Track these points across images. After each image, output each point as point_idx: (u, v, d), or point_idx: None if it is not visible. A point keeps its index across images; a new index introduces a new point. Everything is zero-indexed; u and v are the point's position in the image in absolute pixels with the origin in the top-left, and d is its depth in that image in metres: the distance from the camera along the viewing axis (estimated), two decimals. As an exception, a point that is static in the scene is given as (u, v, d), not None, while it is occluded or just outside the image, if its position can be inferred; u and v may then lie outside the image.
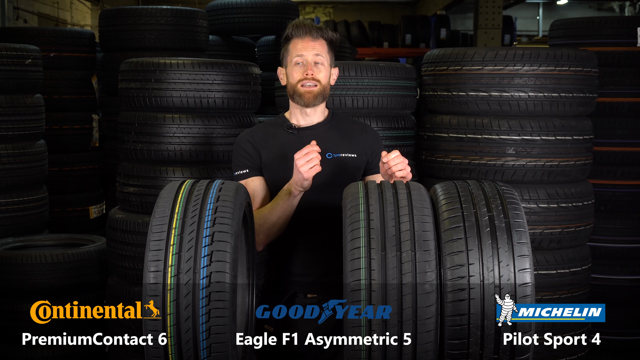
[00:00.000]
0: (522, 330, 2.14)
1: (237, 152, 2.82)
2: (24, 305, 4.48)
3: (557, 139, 3.85)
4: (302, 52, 2.75)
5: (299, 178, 2.56)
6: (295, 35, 2.77)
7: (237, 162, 2.81)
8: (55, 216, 6.05)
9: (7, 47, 4.98)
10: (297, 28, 2.76)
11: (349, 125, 2.87)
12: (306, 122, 2.82)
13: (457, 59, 3.90)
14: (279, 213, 2.66)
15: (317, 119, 2.83)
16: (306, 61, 2.74)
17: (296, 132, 2.80)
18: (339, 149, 2.80)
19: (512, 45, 13.61)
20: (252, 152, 2.79)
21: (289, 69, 2.79)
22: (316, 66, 2.75)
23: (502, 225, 2.19)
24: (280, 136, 2.81)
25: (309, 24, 2.76)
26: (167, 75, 3.90)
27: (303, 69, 2.75)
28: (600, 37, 4.94)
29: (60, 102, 6.38)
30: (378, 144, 2.87)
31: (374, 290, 2.10)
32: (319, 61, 2.75)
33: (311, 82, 2.73)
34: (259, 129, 2.87)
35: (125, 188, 4.06)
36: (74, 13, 16.82)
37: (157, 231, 2.23)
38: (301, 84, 2.74)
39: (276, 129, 2.83)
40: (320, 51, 2.75)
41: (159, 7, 5.94)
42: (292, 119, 2.84)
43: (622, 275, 4.91)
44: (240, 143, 2.82)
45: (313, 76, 2.73)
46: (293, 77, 2.76)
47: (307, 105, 2.77)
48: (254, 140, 2.81)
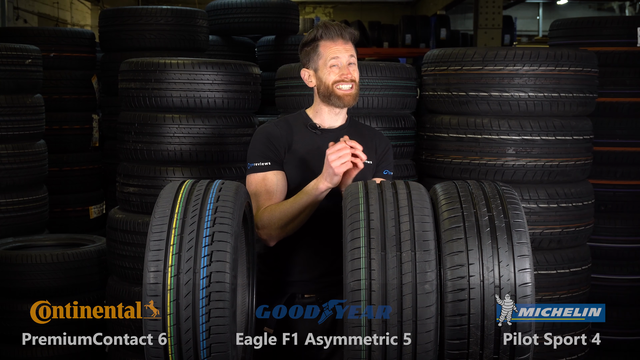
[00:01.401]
0: (522, 330, 2.14)
1: (261, 143, 2.77)
2: (24, 305, 4.48)
3: (557, 139, 3.85)
4: (337, 54, 2.74)
5: (329, 173, 2.56)
6: (326, 37, 2.76)
7: (258, 153, 2.76)
8: (55, 216, 6.05)
9: (7, 47, 4.98)
10: (327, 30, 2.75)
11: (366, 131, 2.90)
12: (330, 123, 2.82)
13: (457, 59, 3.90)
14: (301, 208, 2.63)
15: (340, 122, 2.84)
16: (342, 63, 2.75)
17: (319, 133, 2.80)
18: None
19: (512, 45, 13.61)
20: (278, 145, 2.76)
21: (322, 71, 2.76)
22: (350, 66, 2.76)
23: (502, 225, 2.19)
24: (303, 134, 2.80)
25: (337, 25, 2.77)
26: (167, 75, 3.90)
27: (339, 71, 2.74)
28: (600, 37, 4.93)
29: (60, 102, 6.38)
30: (387, 151, 2.88)
31: (374, 290, 2.10)
32: (353, 62, 2.77)
33: (349, 83, 2.74)
34: (283, 123, 2.84)
35: (125, 188, 4.06)
36: (74, 13, 16.83)
37: (157, 231, 2.23)
38: (337, 85, 2.74)
39: (299, 126, 2.82)
40: (353, 52, 2.78)
41: (159, 7, 5.94)
42: (316, 119, 2.83)
43: (622, 275, 4.90)
44: (266, 134, 2.78)
45: (351, 77, 2.75)
46: (329, 78, 2.75)
47: (346, 106, 2.78)
48: (281, 135, 2.78)
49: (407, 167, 4.11)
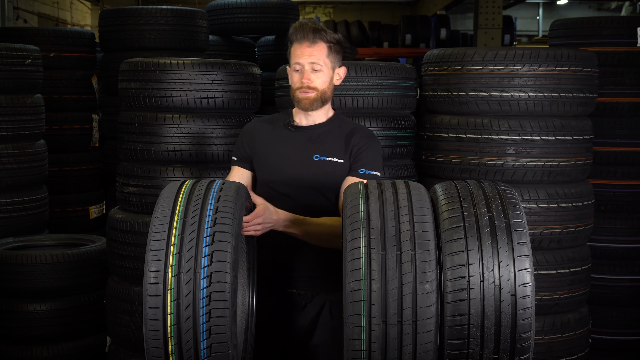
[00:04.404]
0: (522, 331, 2.14)
1: (238, 139, 2.97)
2: (24, 305, 4.48)
3: (557, 139, 3.85)
4: (299, 59, 2.78)
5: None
6: (295, 39, 2.80)
7: (235, 148, 2.97)
8: (55, 216, 6.05)
9: (7, 47, 4.98)
10: (296, 32, 2.79)
11: (346, 129, 2.89)
12: (307, 122, 2.88)
13: (457, 59, 3.90)
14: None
15: (319, 119, 2.88)
16: (303, 69, 2.77)
17: (293, 130, 2.87)
18: (327, 153, 2.82)
19: (512, 45, 13.61)
20: (245, 142, 2.91)
21: (290, 73, 2.85)
22: (314, 73, 2.78)
23: (502, 225, 2.19)
24: (279, 130, 2.90)
25: (308, 27, 2.77)
26: (167, 75, 3.90)
27: (300, 76, 2.79)
28: (600, 37, 4.93)
29: (60, 102, 6.38)
30: (364, 148, 2.83)
31: (373, 290, 2.10)
32: (317, 68, 2.77)
33: (307, 89, 2.78)
34: (264, 120, 2.98)
35: (125, 188, 4.06)
36: (74, 13, 16.82)
37: (157, 231, 2.24)
38: (299, 90, 2.80)
39: (279, 123, 2.92)
40: (317, 57, 2.77)
41: (159, 7, 5.94)
42: (296, 117, 2.90)
43: (622, 275, 4.90)
44: (241, 131, 2.98)
45: (309, 84, 2.77)
46: (293, 82, 2.83)
47: (305, 110, 2.83)
48: (250, 132, 2.93)
49: (407, 167, 4.11)
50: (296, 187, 2.79)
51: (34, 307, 4.47)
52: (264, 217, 2.58)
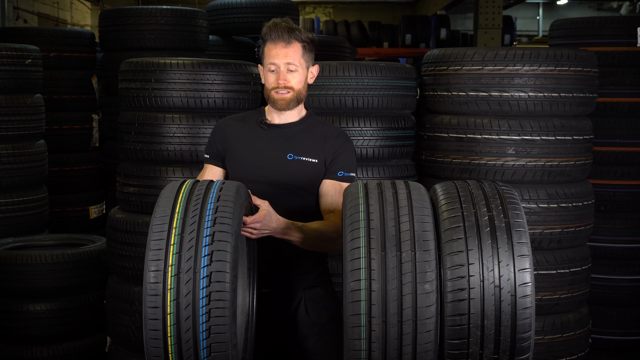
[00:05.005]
0: (522, 330, 2.14)
1: (210, 137, 2.97)
2: (24, 305, 4.48)
3: (557, 139, 3.85)
4: (275, 59, 2.78)
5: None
6: (268, 39, 2.79)
7: (207, 146, 2.97)
8: (55, 216, 6.05)
9: (7, 47, 4.98)
10: (270, 31, 2.78)
11: (320, 130, 2.89)
12: (280, 120, 2.88)
13: (457, 59, 3.90)
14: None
15: (292, 118, 2.88)
16: (279, 69, 2.77)
17: (266, 128, 2.87)
18: (301, 152, 2.82)
19: (512, 45, 13.61)
20: (218, 140, 2.91)
21: (264, 73, 2.84)
22: (289, 73, 2.78)
23: (502, 225, 2.19)
24: (251, 128, 2.89)
25: (282, 27, 2.77)
26: (167, 75, 3.90)
27: (276, 77, 2.78)
28: (600, 37, 4.93)
29: (60, 102, 6.38)
30: (341, 151, 2.84)
31: (373, 290, 2.10)
32: (292, 68, 2.78)
33: (283, 90, 2.78)
34: (236, 118, 2.98)
35: (125, 188, 4.06)
36: (74, 13, 16.83)
37: (157, 231, 2.23)
38: (275, 91, 2.79)
39: (251, 121, 2.92)
40: (293, 58, 2.77)
41: (158, 7, 5.94)
42: (268, 115, 2.90)
43: (622, 275, 4.90)
44: (214, 129, 2.97)
45: (285, 85, 2.77)
46: (268, 82, 2.82)
47: (282, 110, 2.83)
48: (222, 129, 2.92)
49: (407, 167, 4.11)
50: (268, 185, 2.78)
51: (34, 307, 4.47)
52: (262, 223, 2.56)
